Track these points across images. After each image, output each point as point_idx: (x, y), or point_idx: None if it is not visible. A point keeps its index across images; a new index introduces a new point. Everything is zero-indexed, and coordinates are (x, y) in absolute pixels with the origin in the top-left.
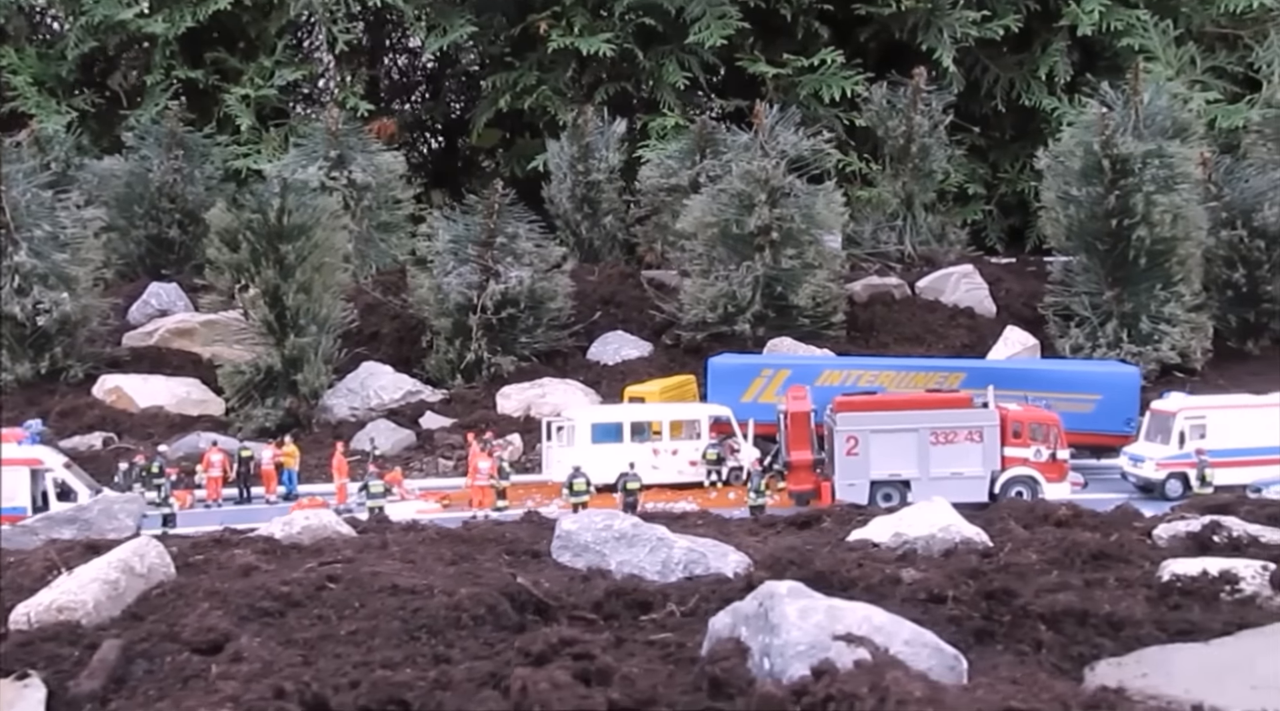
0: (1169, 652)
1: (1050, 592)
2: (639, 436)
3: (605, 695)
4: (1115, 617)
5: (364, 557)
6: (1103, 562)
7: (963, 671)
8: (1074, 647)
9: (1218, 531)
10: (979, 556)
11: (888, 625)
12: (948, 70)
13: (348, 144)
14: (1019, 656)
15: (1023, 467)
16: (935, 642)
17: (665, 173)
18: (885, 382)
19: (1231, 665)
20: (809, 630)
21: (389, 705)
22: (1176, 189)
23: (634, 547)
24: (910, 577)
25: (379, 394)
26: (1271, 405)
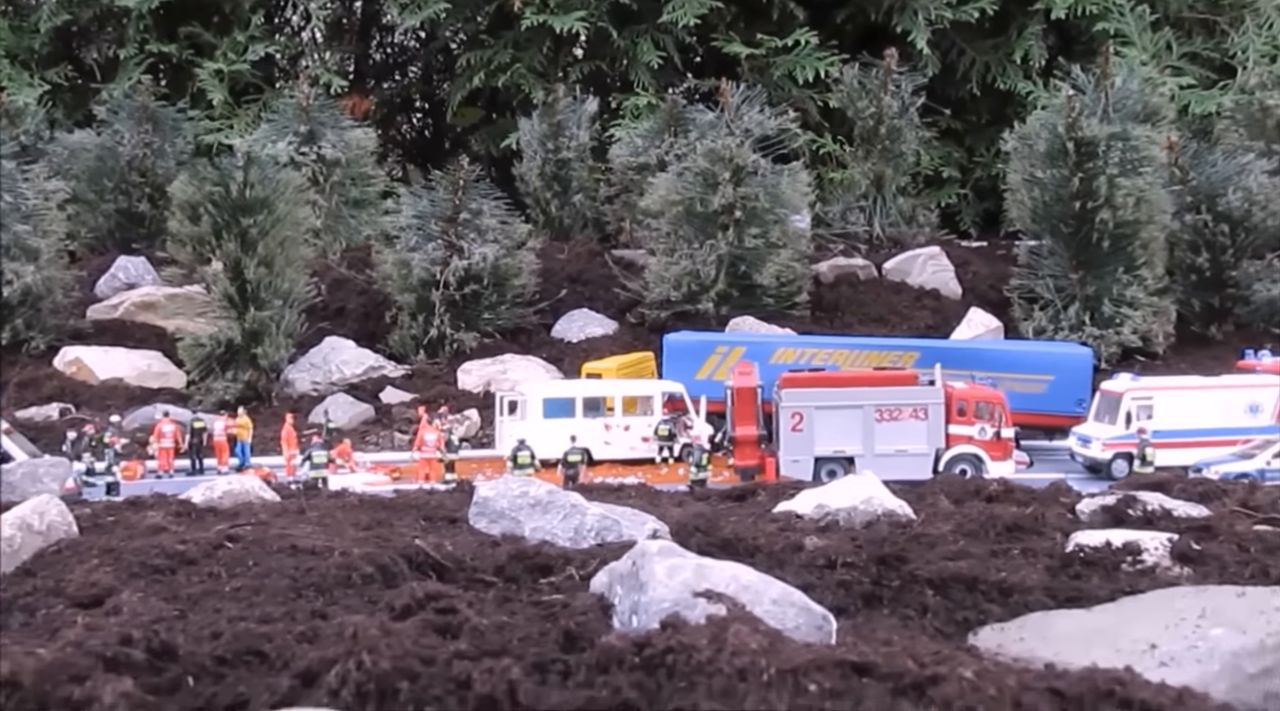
0: (1051, 617)
1: (946, 560)
2: (591, 412)
3: (450, 646)
4: (1006, 584)
5: (277, 521)
6: (1015, 534)
7: (830, 630)
8: (960, 612)
9: (1132, 505)
10: (893, 527)
11: (756, 583)
12: (922, 53)
13: (319, 120)
14: (904, 620)
15: (967, 445)
16: (803, 602)
17: (634, 151)
18: (839, 361)
19: (1104, 629)
20: (675, 587)
21: (246, 655)
22: (1140, 172)
23: (548, 514)
24: (812, 545)
25: (341, 368)
26: (1219, 387)
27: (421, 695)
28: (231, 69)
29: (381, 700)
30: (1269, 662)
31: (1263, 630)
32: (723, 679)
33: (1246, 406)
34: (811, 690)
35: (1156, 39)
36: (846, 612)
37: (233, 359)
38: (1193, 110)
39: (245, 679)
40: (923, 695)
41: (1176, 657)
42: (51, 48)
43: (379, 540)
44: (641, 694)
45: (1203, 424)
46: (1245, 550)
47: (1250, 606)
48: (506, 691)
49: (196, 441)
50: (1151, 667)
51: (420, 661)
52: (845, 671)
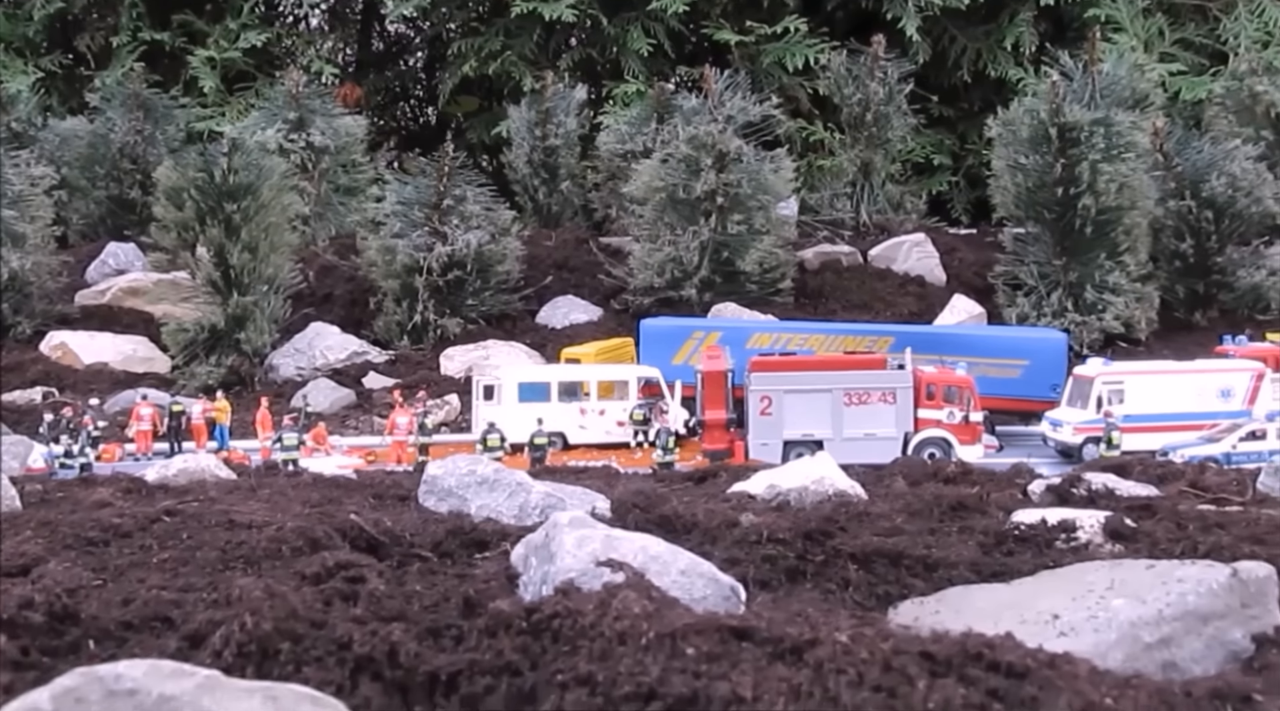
0: (971, 592)
1: (877, 536)
2: (566, 397)
3: (344, 611)
4: (932, 560)
5: (226, 498)
6: (958, 513)
7: (739, 601)
8: (882, 587)
9: (1076, 484)
10: (837, 506)
11: (664, 554)
12: (912, 40)
13: (309, 107)
14: (825, 594)
15: (936, 429)
16: (711, 573)
17: (621, 139)
18: (815, 346)
19: (1017, 602)
20: (582, 557)
21: (152, 621)
22: (1123, 158)
23: (494, 492)
24: (748, 522)
25: (325, 354)
26: (1191, 371)
27: (302, 655)
28: (224, 56)
29: (263, 659)
30: (1166, 632)
31: (1162, 600)
32: (603, 642)
33: (1219, 391)
34: (689, 653)
35: (1149, 25)
36: (769, 586)
37: (217, 344)
38: (1183, 97)
39: (145, 642)
40: (799, 658)
41: (1076, 627)
42: (46, 35)
43: (321, 516)
44: (524, 656)
45: (1175, 408)
46: (1183, 528)
47: (1155, 578)
48: (386, 652)
49: (175, 424)
50: (1051, 637)
51: (306, 623)
52: (725, 635)
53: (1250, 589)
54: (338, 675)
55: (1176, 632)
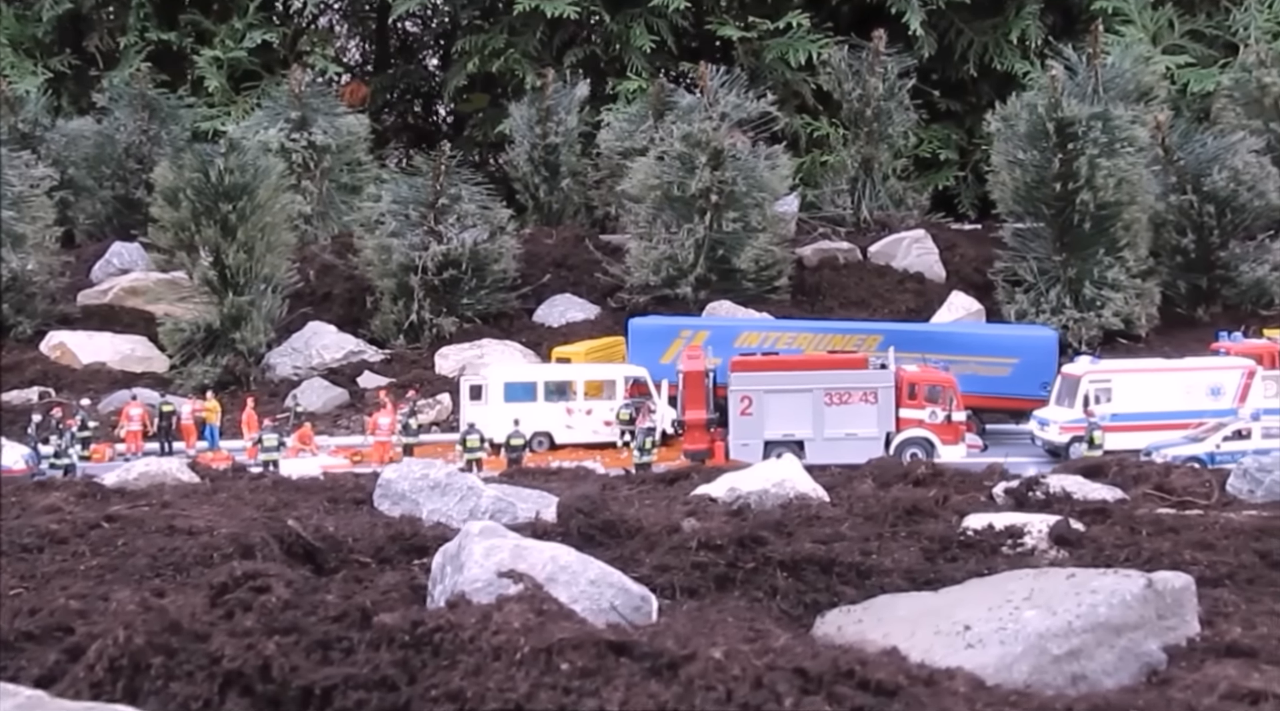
0: (898, 600)
1: (816, 543)
2: (553, 396)
3: (237, 622)
4: (865, 567)
5: (179, 503)
6: (913, 517)
7: (650, 611)
8: (811, 595)
9: (1034, 488)
10: (790, 510)
11: (574, 564)
12: (916, 34)
13: (312, 106)
14: (753, 602)
15: (918, 429)
16: (621, 583)
17: (620, 136)
18: (803, 345)
19: (937, 611)
20: (489, 567)
21: (55, 632)
22: (1122, 153)
23: (446, 496)
24: (689, 527)
25: (321, 353)
26: (1180, 369)
27: (174, 670)
28: (229, 56)
29: (134, 674)
30: (1076, 644)
31: (1073, 611)
32: (479, 657)
33: (1208, 389)
34: (563, 668)
35: (1158, 17)
36: (698, 594)
37: (214, 343)
38: (1192, 89)
39: (37, 655)
40: (674, 674)
41: (984, 639)
42: (55, 36)
43: (268, 521)
44: (402, 670)
45: (1163, 406)
46: (1136, 532)
47: (1072, 587)
48: (259, 667)
49: (165, 424)
50: (959, 649)
51: (187, 636)
52: (602, 650)
53: (1166, 599)
54: (206, 689)
55: (1087, 644)
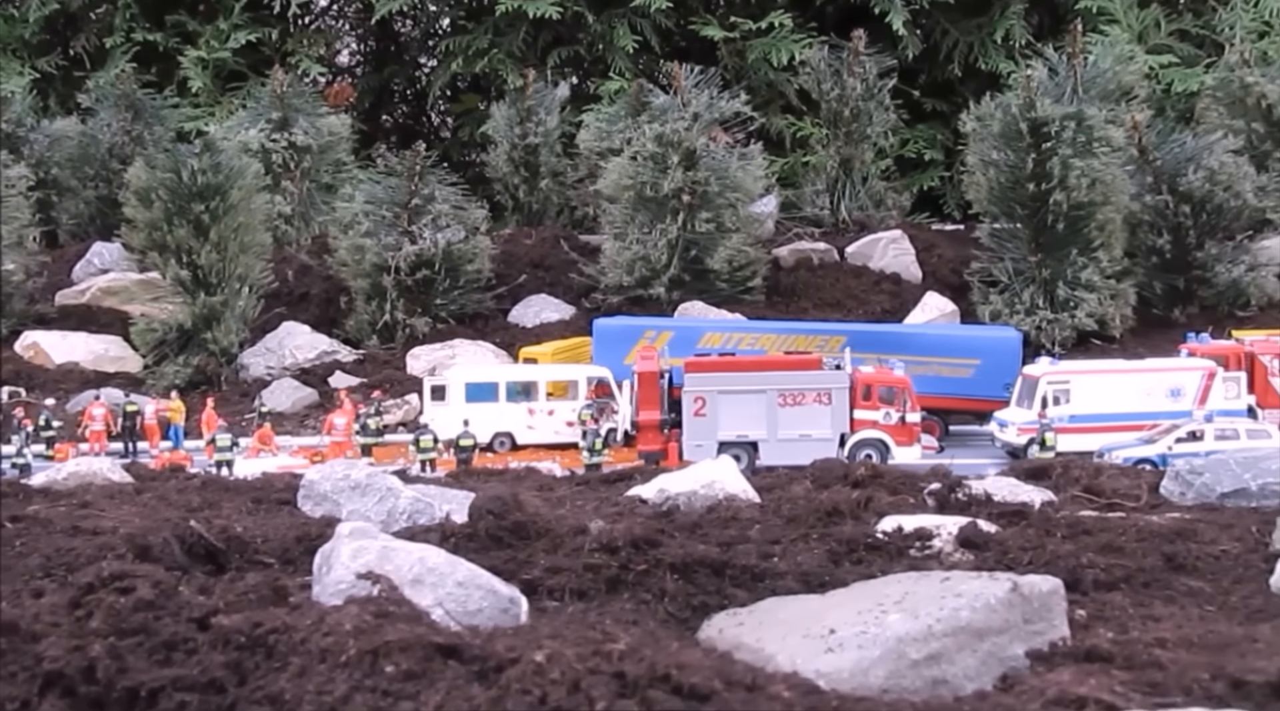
0: (785, 603)
1: (719, 545)
2: (515, 397)
3: (84, 623)
4: (759, 570)
5: (100, 503)
6: (833, 518)
7: (519, 613)
8: (700, 597)
9: (956, 490)
10: (710, 512)
11: (442, 566)
12: (900, 34)
13: (294, 106)
14: (640, 604)
15: (872, 430)
16: (490, 585)
17: (600, 136)
18: (766, 346)
19: (814, 615)
20: (353, 569)
21: None
22: (1095, 153)
23: (365, 497)
24: (596, 529)
25: (294, 353)
26: (1139, 370)
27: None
28: (214, 56)
29: None
30: (936, 648)
31: (934, 615)
32: (306, 658)
33: (1168, 390)
34: (387, 671)
35: (1143, 16)
36: (587, 597)
37: (186, 343)
38: (1176, 88)
39: None
40: (497, 677)
41: (845, 643)
42: (42, 36)
43: (179, 521)
44: (232, 672)
45: (1122, 408)
46: (1051, 534)
47: (941, 591)
48: (83, 668)
49: (129, 424)
50: (820, 653)
51: (15, 637)
52: (430, 653)
53: (1034, 604)
54: (25, 690)
55: (948, 648)
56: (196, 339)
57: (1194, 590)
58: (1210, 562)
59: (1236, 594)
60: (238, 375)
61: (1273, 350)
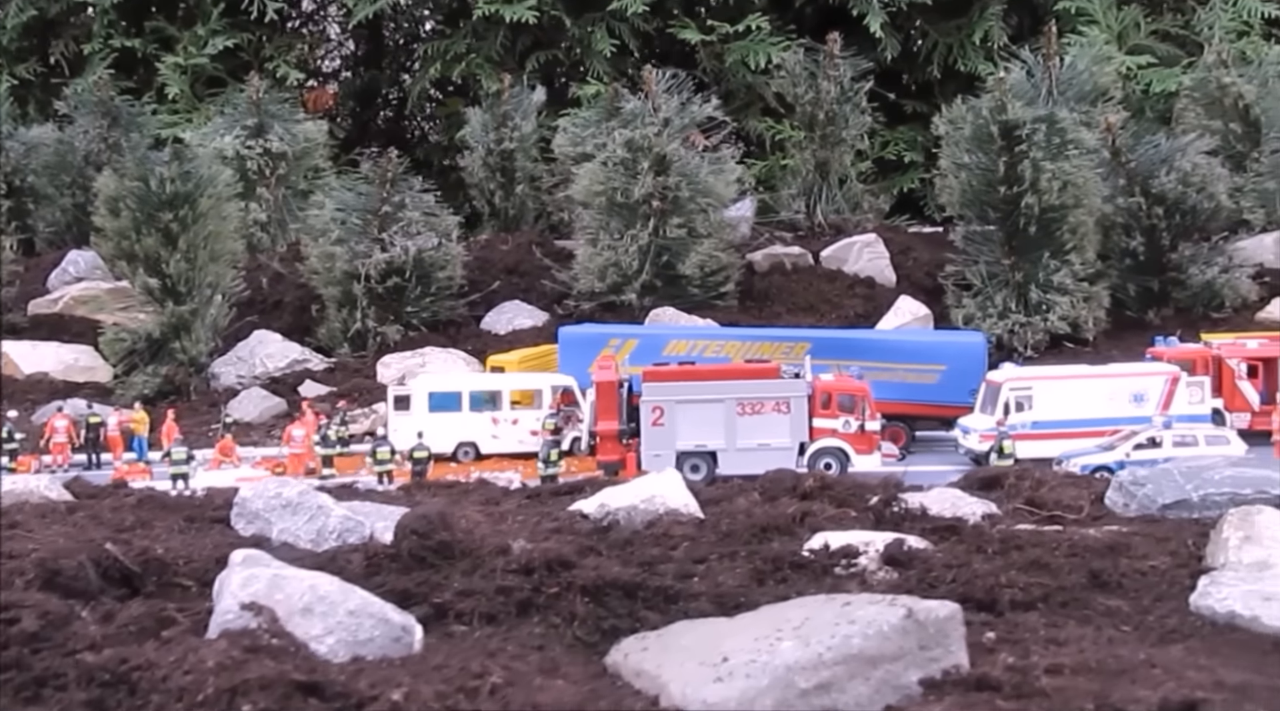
0: (694, 627)
1: (642, 565)
2: (478, 406)
3: None
4: (674, 591)
5: (28, 523)
6: (766, 534)
7: (412, 641)
8: (611, 621)
9: (892, 505)
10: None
11: (333, 594)
12: (878, 36)
13: (269, 113)
14: (550, 628)
15: (831, 439)
16: (382, 613)
17: (575, 141)
18: (731, 353)
19: (715, 639)
20: (241, 598)
21: None
22: (1067, 156)
23: (296, 515)
24: (519, 548)
25: (265, 362)
26: (1102, 376)
27: None
28: (192, 62)
29: None
30: (826, 677)
31: (825, 642)
32: (164, 696)
33: (1131, 396)
34: (245, 709)
35: (1122, 17)
36: (496, 621)
37: (157, 353)
38: (1154, 89)
39: None
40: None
41: (734, 671)
42: (20, 42)
43: (103, 543)
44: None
45: (1085, 414)
46: (981, 551)
47: (838, 617)
48: None
49: (93, 436)
50: (708, 682)
51: None
52: (290, 691)
53: (929, 630)
54: None
55: (838, 677)
56: (166, 348)
57: (1112, 610)
58: (1136, 579)
59: (1155, 613)
60: (208, 385)
61: (1240, 353)
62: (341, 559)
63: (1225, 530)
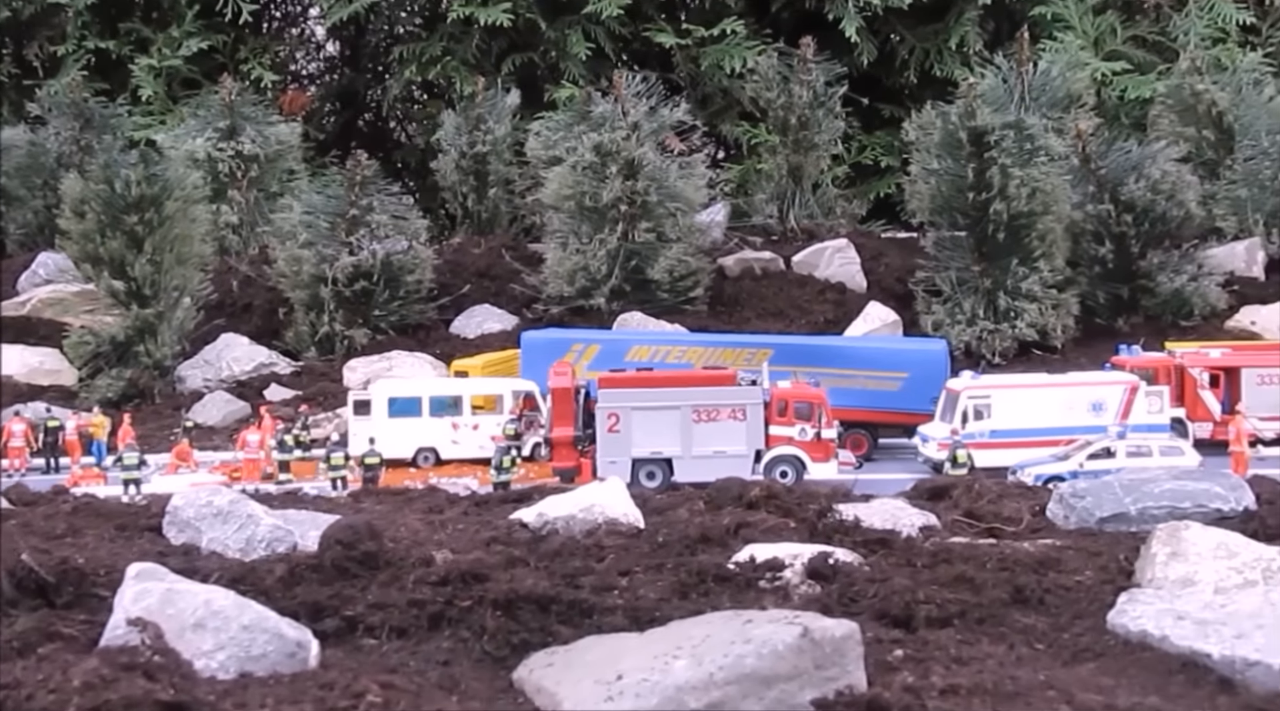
0: (601, 642)
1: (564, 577)
2: (438, 411)
3: None
4: (589, 605)
5: None
6: (700, 546)
7: (307, 657)
8: (522, 635)
9: (825, 516)
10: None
11: (228, 609)
12: (854, 41)
13: (242, 114)
14: (460, 643)
15: (787, 446)
16: (277, 629)
17: (547, 144)
18: (693, 359)
19: (616, 656)
20: (132, 612)
21: None
22: (1035, 162)
23: (226, 524)
24: (441, 559)
25: (232, 365)
26: (1061, 385)
27: None
28: (165, 64)
29: None
30: (717, 697)
31: (718, 662)
32: None
33: (1090, 405)
34: None
35: (1099, 22)
36: (406, 635)
37: (122, 356)
38: (1129, 95)
39: None
40: None
41: (625, 691)
42: None
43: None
44: None
45: (1043, 423)
46: (910, 565)
47: (734, 635)
48: None
49: (51, 440)
50: (600, 702)
51: None
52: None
53: (825, 649)
54: None
55: (730, 697)
56: (130, 351)
57: (1028, 627)
58: (1060, 596)
59: (1072, 631)
60: (174, 388)
61: (1202, 362)
62: (263, 569)
63: (1154, 546)
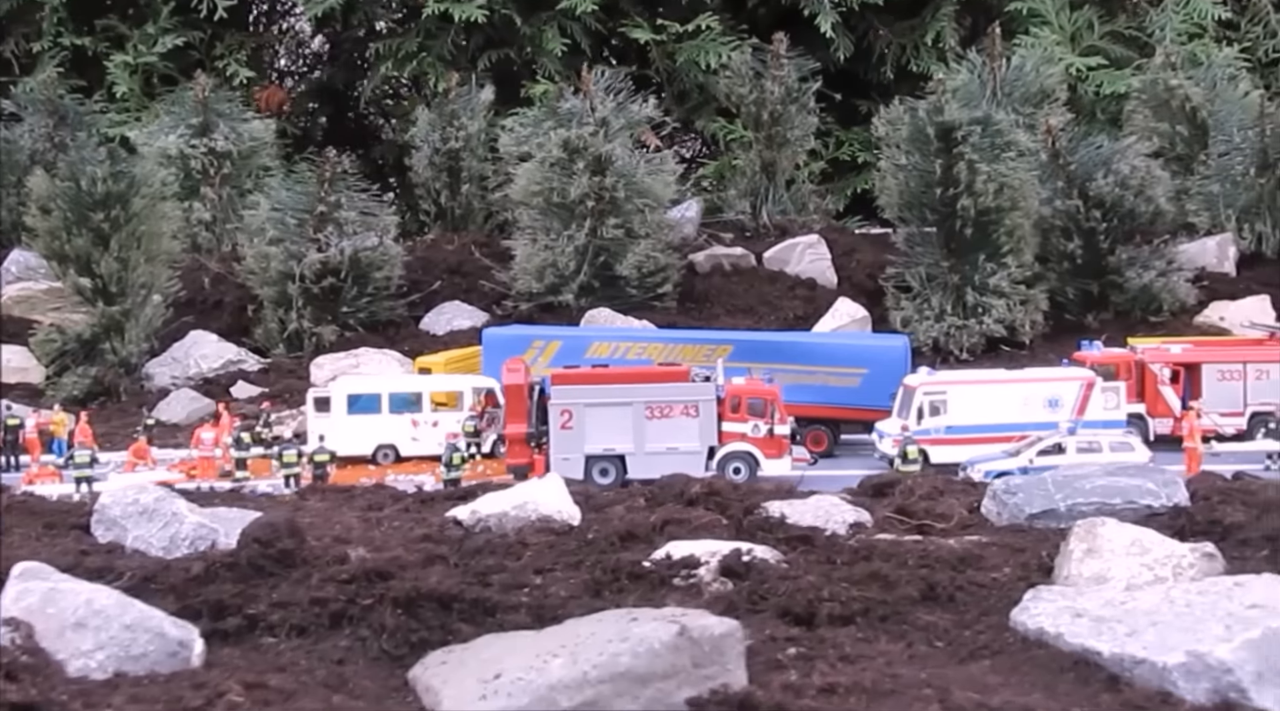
0: (498, 641)
1: (476, 576)
2: (398, 408)
3: None
4: (491, 603)
5: None
6: (627, 542)
7: (189, 656)
8: (422, 633)
9: (752, 513)
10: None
11: (110, 608)
12: (829, 37)
13: (216, 111)
14: (359, 641)
15: (740, 443)
16: (159, 628)
17: (519, 141)
18: (654, 355)
19: (508, 656)
20: (11, 612)
21: None
22: (1003, 158)
23: (151, 522)
24: (355, 557)
25: (199, 362)
26: (1017, 381)
27: None
28: (141, 61)
29: None
30: (590, 696)
31: (593, 660)
32: None
33: (1046, 401)
34: None
35: (1075, 18)
36: (307, 633)
37: (89, 354)
38: (1104, 91)
39: None
40: None
41: (500, 690)
42: None
43: None
44: None
45: (999, 419)
46: (830, 562)
47: (614, 633)
48: None
49: (10, 438)
50: (475, 700)
51: None
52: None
53: (704, 648)
54: None
55: (603, 696)
56: (97, 349)
57: (930, 625)
58: (972, 593)
59: (974, 628)
60: (141, 386)
61: (1163, 358)
62: (178, 567)
63: (1071, 542)
